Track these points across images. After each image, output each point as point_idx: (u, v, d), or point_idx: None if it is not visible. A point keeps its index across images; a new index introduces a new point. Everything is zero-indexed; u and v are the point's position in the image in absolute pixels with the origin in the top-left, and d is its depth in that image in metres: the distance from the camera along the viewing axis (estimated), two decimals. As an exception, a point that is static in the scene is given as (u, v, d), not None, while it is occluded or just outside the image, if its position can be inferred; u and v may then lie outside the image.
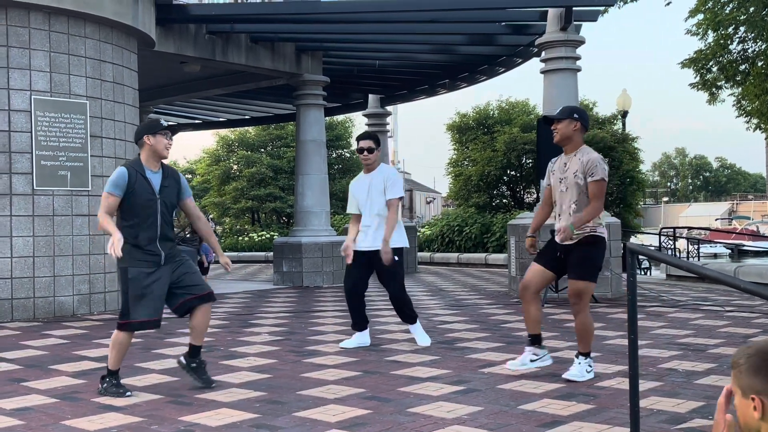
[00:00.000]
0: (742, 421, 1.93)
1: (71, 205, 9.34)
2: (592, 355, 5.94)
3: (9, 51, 8.95)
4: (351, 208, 7.02)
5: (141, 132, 5.16)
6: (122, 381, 5.21)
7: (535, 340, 5.62)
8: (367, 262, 6.77)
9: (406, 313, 6.91)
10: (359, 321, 6.93)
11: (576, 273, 5.40)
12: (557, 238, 5.50)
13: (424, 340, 6.93)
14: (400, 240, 6.76)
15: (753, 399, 1.89)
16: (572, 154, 5.50)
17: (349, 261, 6.76)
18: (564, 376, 5.40)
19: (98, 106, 9.68)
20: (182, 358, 5.40)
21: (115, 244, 4.78)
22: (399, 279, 6.75)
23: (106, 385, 5.11)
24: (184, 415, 4.59)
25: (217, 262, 14.70)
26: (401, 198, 6.82)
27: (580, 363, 5.43)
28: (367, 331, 7.00)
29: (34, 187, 9.06)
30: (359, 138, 7.05)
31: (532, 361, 5.58)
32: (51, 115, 9.21)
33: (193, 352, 5.33)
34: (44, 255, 9.12)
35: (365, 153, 6.92)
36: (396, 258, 6.65)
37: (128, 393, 5.05)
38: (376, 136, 7.08)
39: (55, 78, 9.26)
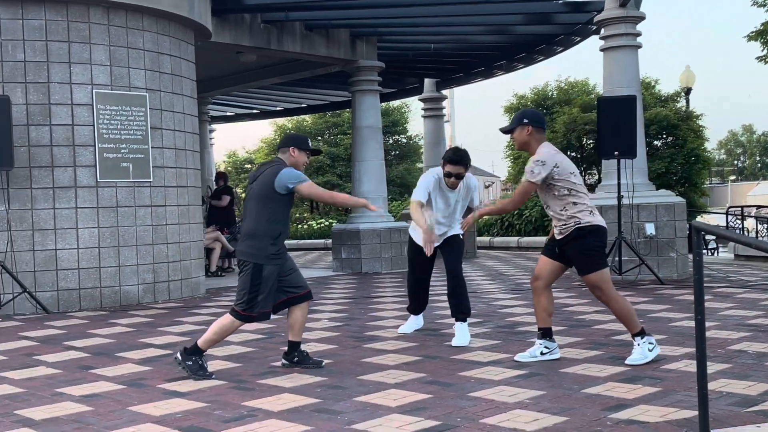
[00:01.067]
0: None
1: (134, 197, 9.52)
2: (656, 337, 5.81)
3: (71, 46, 9.14)
4: (419, 197, 6.34)
5: (290, 142, 5.47)
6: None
7: (546, 334, 5.53)
8: (434, 255, 6.65)
9: (464, 304, 6.41)
10: (419, 307, 6.97)
11: (581, 269, 5.37)
12: (555, 233, 5.51)
13: (462, 340, 6.24)
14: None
15: None
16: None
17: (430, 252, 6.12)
18: (627, 362, 5.29)
19: (157, 98, 9.83)
20: (284, 360, 5.56)
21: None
22: (461, 259, 6.62)
23: (191, 363, 5.19)
24: (246, 400, 4.64)
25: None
26: None
27: (639, 345, 5.33)
28: (421, 315, 7.08)
29: (98, 180, 9.26)
30: (452, 161, 6.24)
31: (542, 353, 5.48)
32: (112, 108, 9.38)
33: (291, 348, 5.52)
34: (109, 246, 9.32)
35: (453, 179, 6.28)
36: (462, 236, 6.60)
37: (213, 375, 5.21)
38: (467, 158, 6.30)
39: (115, 71, 9.43)
